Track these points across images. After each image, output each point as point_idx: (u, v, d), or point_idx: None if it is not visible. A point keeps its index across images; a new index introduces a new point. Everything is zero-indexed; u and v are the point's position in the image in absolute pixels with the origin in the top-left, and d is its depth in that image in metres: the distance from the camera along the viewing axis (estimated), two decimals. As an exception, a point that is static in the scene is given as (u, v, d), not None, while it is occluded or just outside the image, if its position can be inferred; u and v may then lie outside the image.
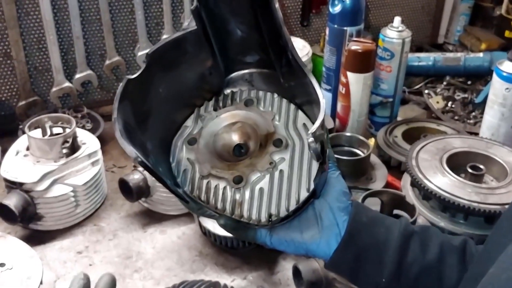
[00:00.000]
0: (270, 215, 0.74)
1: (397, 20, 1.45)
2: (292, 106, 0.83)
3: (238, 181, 0.77)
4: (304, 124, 0.81)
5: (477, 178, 1.15)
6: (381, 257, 0.76)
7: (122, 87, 0.74)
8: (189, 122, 0.84)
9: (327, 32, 1.49)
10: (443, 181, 1.12)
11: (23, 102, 1.50)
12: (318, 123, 0.68)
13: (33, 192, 1.15)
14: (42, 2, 1.40)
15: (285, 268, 1.11)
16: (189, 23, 0.80)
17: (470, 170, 1.15)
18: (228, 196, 0.76)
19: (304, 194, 0.75)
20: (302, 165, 0.77)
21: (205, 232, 1.14)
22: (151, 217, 1.25)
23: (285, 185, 0.76)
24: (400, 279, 0.76)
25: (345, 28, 1.44)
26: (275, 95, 0.84)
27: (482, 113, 1.64)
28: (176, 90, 0.82)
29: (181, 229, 1.22)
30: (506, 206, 1.05)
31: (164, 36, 1.57)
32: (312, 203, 0.77)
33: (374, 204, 1.07)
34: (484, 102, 1.63)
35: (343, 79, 1.41)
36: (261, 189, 0.76)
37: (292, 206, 0.74)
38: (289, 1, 1.73)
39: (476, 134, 1.48)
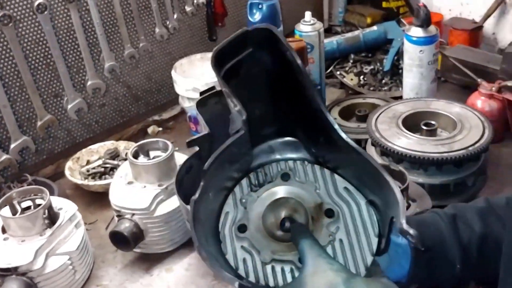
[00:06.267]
0: None
1: (307, 14, 1.56)
2: (327, 172, 0.84)
3: None
4: (346, 188, 0.83)
5: (432, 132, 1.29)
6: (445, 253, 0.84)
7: (192, 213, 0.72)
8: (228, 207, 0.82)
9: (250, 40, 1.55)
10: (409, 142, 1.25)
11: (-39, 189, 1.39)
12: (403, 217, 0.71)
13: (31, 273, 1.09)
14: (-41, 78, 1.31)
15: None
16: (237, 129, 0.80)
17: (424, 128, 1.29)
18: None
19: (370, 259, 0.77)
20: (358, 231, 0.79)
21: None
22: (150, 260, 1.24)
23: (349, 253, 0.77)
24: (467, 261, 0.84)
25: (267, 32, 1.52)
26: (306, 163, 0.85)
27: (391, 79, 1.83)
28: (213, 181, 0.80)
29: (185, 261, 1.22)
30: (470, 148, 1.20)
31: (89, 83, 1.54)
32: None
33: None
34: (391, 68, 1.82)
35: (282, 78, 1.49)
36: None
37: (363, 273, 0.76)
38: (194, 20, 1.77)
39: (399, 98, 1.64)
